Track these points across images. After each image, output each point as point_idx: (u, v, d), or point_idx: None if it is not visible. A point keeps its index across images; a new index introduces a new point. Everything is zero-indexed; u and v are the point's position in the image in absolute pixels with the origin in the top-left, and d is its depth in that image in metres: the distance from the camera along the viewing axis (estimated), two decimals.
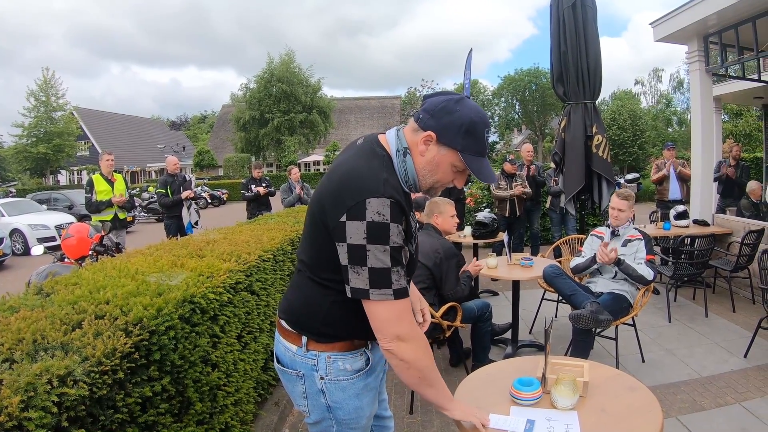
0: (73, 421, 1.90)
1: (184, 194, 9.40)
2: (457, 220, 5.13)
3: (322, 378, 2.02)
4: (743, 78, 10.92)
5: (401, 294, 1.81)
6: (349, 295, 1.84)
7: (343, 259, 1.80)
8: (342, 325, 1.99)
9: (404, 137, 1.94)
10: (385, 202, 1.75)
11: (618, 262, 4.86)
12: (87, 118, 53.49)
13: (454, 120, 1.83)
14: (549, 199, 9.55)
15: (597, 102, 7.63)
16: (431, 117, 1.86)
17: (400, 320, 1.83)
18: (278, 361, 2.17)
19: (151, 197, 24.53)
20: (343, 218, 1.77)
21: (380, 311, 1.82)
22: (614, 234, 5.17)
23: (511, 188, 8.69)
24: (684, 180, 9.56)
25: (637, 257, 4.95)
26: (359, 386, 2.06)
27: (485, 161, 1.90)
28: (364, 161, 1.90)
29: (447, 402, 2.03)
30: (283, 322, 2.12)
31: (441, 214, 4.93)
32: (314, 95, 47.09)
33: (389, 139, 1.97)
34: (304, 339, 2.03)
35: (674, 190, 9.63)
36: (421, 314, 2.33)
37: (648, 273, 4.81)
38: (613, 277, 5.03)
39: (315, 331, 2.02)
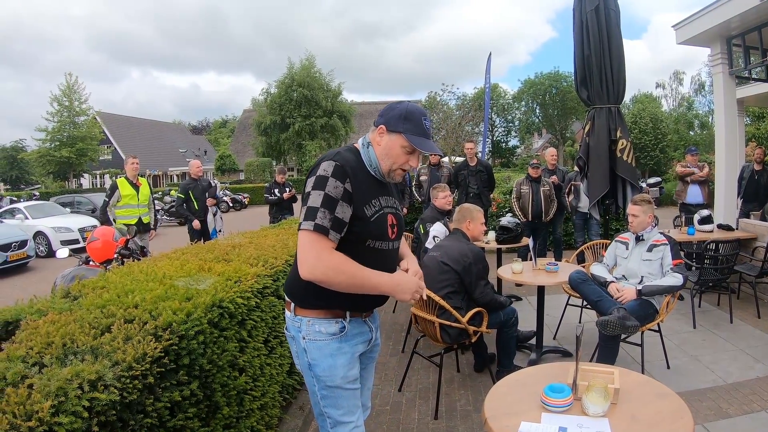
0: (102, 426, 1.91)
1: (209, 201, 9.51)
2: (485, 228, 5.13)
3: (303, 338, 2.44)
4: (767, 80, 10.80)
5: (320, 229, 2.20)
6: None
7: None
8: (317, 292, 2.32)
9: (368, 136, 2.48)
10: (332, 163, 2.28)
11: (639, 293, 4.81)
12: (109, 122, 53.98)
13: (395, 112, 2.40)
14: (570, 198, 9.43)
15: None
16: (381, 116, 2.44)
17: (311, 248, 2.21)
18: (286, 328, 2.64)
19: (173, 201, 24.71)
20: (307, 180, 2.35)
21: (302, 239, 2.24)
22: (639, 239, 5.12)
23: (537, 192, 8.64)
24: (704, 183, 9.47)
25: (664, 264, 4.90)
26: (333, 347, 2.44)
27: (426, 140, 2.41)
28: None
29: (382, 289, 2.36)
30: (285, 294, 2.60)
31: (473, 220, 4.96)
32: (335, 100, 47.11)
33: (359, 141, 2.50)
34: (293, 305, 2.50)
35: (695, 194, 9.54)
36: (405, 270, 2.61)
37: (675, 281, 4.75)
38: (639, 283, 4.97)
39: (299, 298, 2.46)
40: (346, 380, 2.46)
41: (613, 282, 5.04)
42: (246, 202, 33.97)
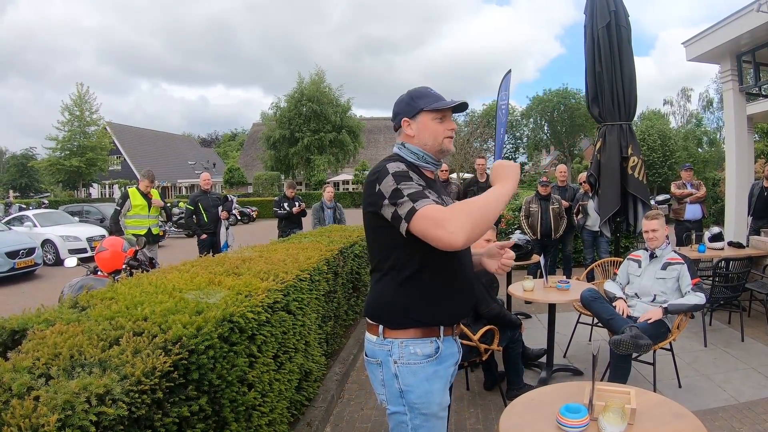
0: None
1: (222, 215, 9.55)
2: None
3: (395, 362, 2.26)
4: None
5: (433, 203, 2.07)
6: (403, 231, 2.09)
7: (388, 210, 2.14)
8: (411, 307, 2.25)
9: (398, 140, 2.46)
10: (399, 164, 2.23)
11: (666, 311, 4.77)
12: (120, 133, 54.41)
13: (404, 102, 2.41)
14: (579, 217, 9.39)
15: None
16: (395, 116, 2.44)
17: (438, 217, 2.00)
18: (366, 354, 2.43)
19: (181, 213, 24.73)
20: (377, 188, 2.18)
21: (422, 220, 2.03)
22: (653, 257, 5.07)
23: (546, 211, 8.57)
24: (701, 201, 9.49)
25: (682, 283, 4.86)
26: (429, 371, 2.27)
27: (444, 99, 2.39)
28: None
29: (506, 193, 2.24)
30: (367, 318, 2.41)
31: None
32: (344, 115, 47.44)
33: (394, 148, 2.47)
34: (381, 328, 2.31)
35: (694, 211, 9.51)
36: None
37: (699, 299, 4.71)
38: (652, 301, 4.92)
39: (389, 318, 2.30)
40: (440, 407, 2.31)
41: (620, 299, 5.00)
42: (254, 216, 33.96)
